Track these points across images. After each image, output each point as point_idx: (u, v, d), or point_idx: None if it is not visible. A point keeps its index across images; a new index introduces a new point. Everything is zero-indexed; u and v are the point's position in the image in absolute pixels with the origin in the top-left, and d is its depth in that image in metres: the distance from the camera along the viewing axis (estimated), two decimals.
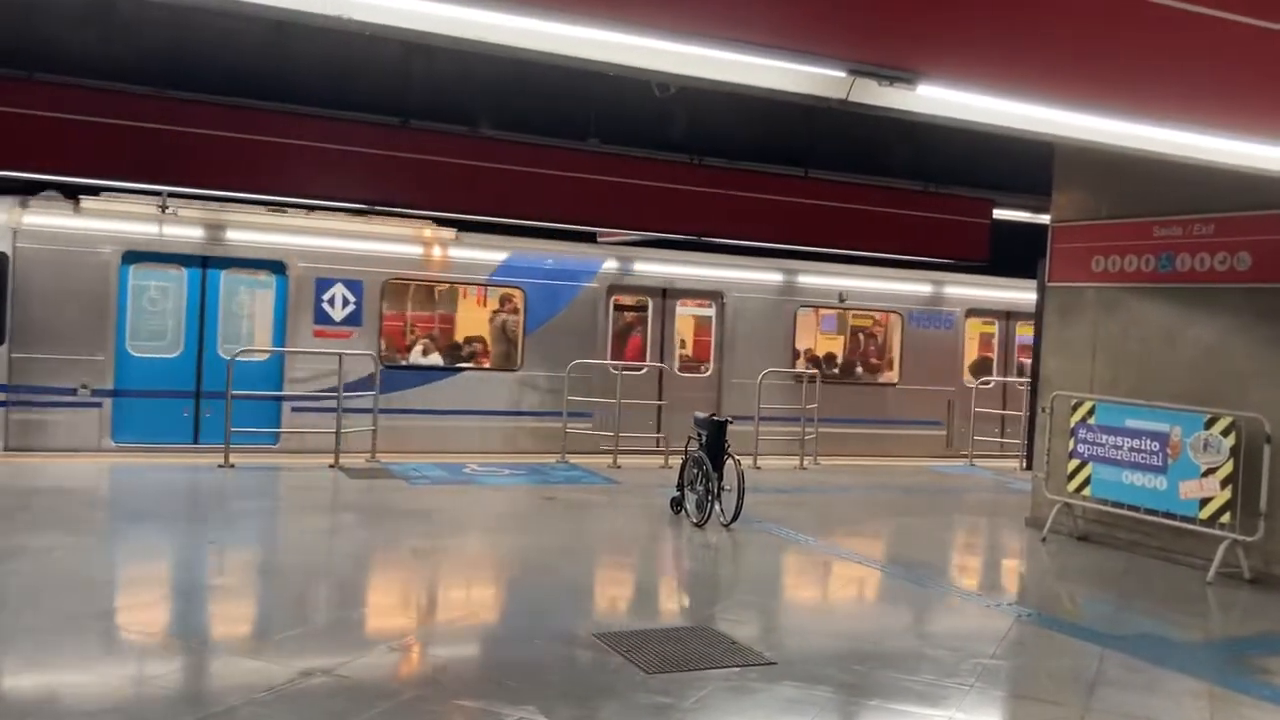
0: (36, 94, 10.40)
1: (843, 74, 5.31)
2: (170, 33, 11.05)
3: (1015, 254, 15.08)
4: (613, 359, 15.17)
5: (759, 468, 13.63)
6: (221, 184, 11.57)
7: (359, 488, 11.27)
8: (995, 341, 18.36)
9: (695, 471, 10.13)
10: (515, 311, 14.92)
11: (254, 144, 11.13)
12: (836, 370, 17.41)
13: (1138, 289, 10.09)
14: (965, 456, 16.04)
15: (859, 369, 17.77)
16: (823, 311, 17.57)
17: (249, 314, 13.68)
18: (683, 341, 16.65)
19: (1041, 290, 11.23)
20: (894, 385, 17.33)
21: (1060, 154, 10.73)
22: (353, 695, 5.34)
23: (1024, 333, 17.83)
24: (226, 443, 11.79)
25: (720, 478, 9.90)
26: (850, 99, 5.46)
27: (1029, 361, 17.84)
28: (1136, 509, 9.56)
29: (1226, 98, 6.32)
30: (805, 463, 14.58)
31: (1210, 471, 8.96)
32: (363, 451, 12.76)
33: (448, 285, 15.11)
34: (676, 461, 11.10)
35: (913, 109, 5.75)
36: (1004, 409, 17.31)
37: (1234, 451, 8.82)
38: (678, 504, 10.39)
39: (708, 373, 16.21)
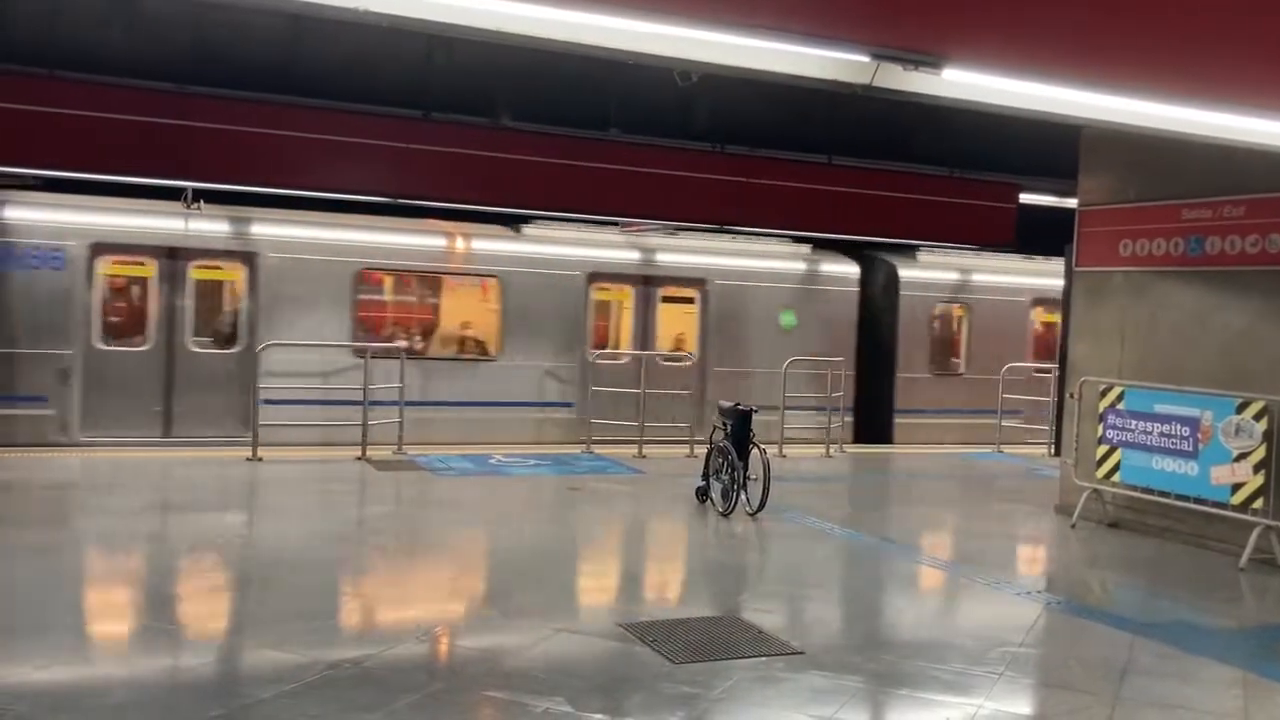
0: (58, 92, 10.46)
1: (867, 59, 5.26)
2: (190, 29, 11.10)
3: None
4: None
5: (785, 456, 13.59)
6: (243, 180, 11.62)
7: (386, 480, 11.32)
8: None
9: (720, 461, 10.10)
10: None
11: (275, 139, 11.16)
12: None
13: (1166, 273, 9.96)
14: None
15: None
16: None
17: None
18: None
19: (1069, 275, 11.12)
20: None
21: (1086, 137, 10.61)
22: (380, 687, 5.36)
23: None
24: None
25: (745, 467, 9.87)
26: (875, 84, 5.41)
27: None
28: (1167, 495, 9.46)
29: (1258, 77, 6.22)
30: (832, 450, 14.53)
31: (1242, 456, 8.85)
32: None
33: None
34: (700, 450, 11.07)
35: (938, 93, 5.69)
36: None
37: (1267, 436, 8.70)
38: (703, 493, 10.37)
39: None
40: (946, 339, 17.68)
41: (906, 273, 16.92)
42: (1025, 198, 14.90)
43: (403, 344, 13.91)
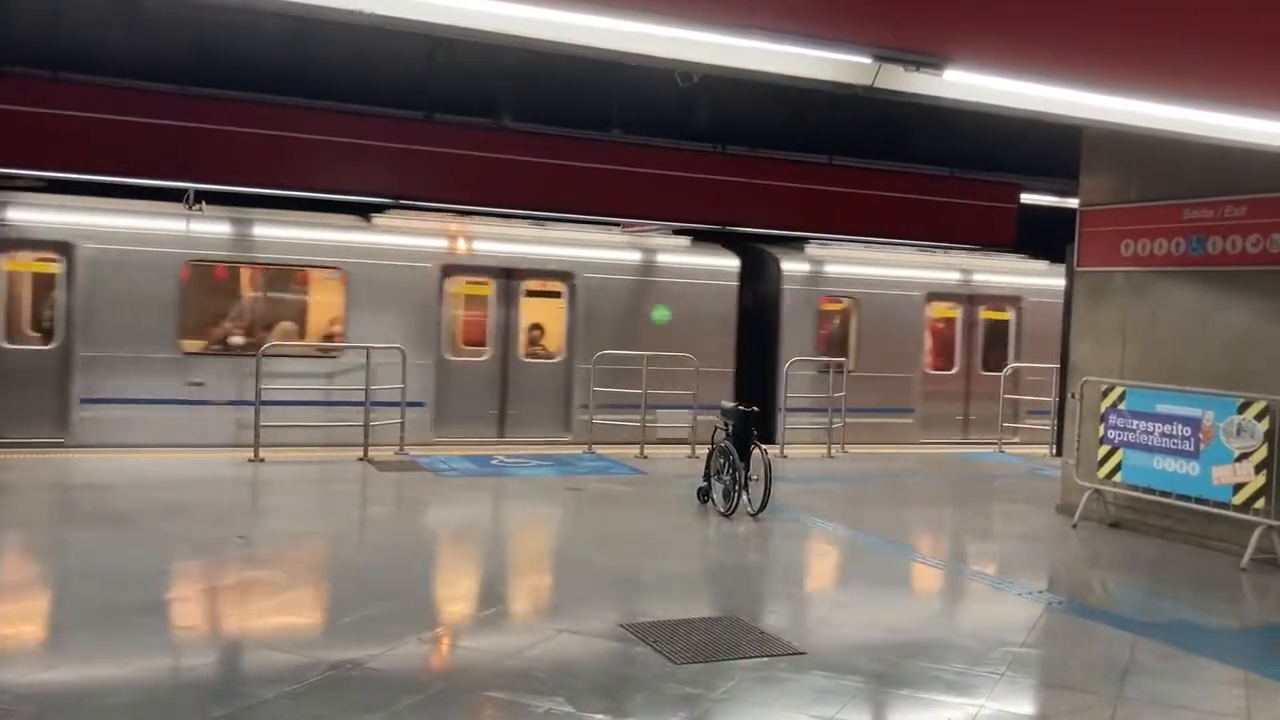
0: (61, 93, 10.47)
1: (868, 60, 5.26)
2: (191, 30, 11.11)
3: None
4: None
5: (786, 456, 13.59)
6: (245, 181, 11.62)
7: (387, 480, 11.32)
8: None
9: (722, 461, 10.11)
10: None
11: (278, 140, 11.17)
12: None
13: (1167, 273, 9.97)
14: None
15: None
16: None
17: None
18: None
19: (1070, 275, 11.12)
20: None
21: (1088, 137, 10.62)
22: (383, 688, 5.37)
23: None
24: None
25: (747, 467, 9.88)
26: (876, 85, 5.41)
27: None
28: (1168, 495, 9.47)
29: (1258, 77, 6.22)
30: (833, 451, 14.53)
31: (1244, 456, 8.85)
32: None
33: None
34: (702, 451, 11.08)
35: (939, 94, 5.69)
36: None
37: (1268, 436, 8.71)
38: (705, 494, 10.37)
39: None
40: (834, 335, 16.88)
41: (790, 265, 16.22)
42: (1026, 198, 14.89)
43: (238, 340, 13.31)
